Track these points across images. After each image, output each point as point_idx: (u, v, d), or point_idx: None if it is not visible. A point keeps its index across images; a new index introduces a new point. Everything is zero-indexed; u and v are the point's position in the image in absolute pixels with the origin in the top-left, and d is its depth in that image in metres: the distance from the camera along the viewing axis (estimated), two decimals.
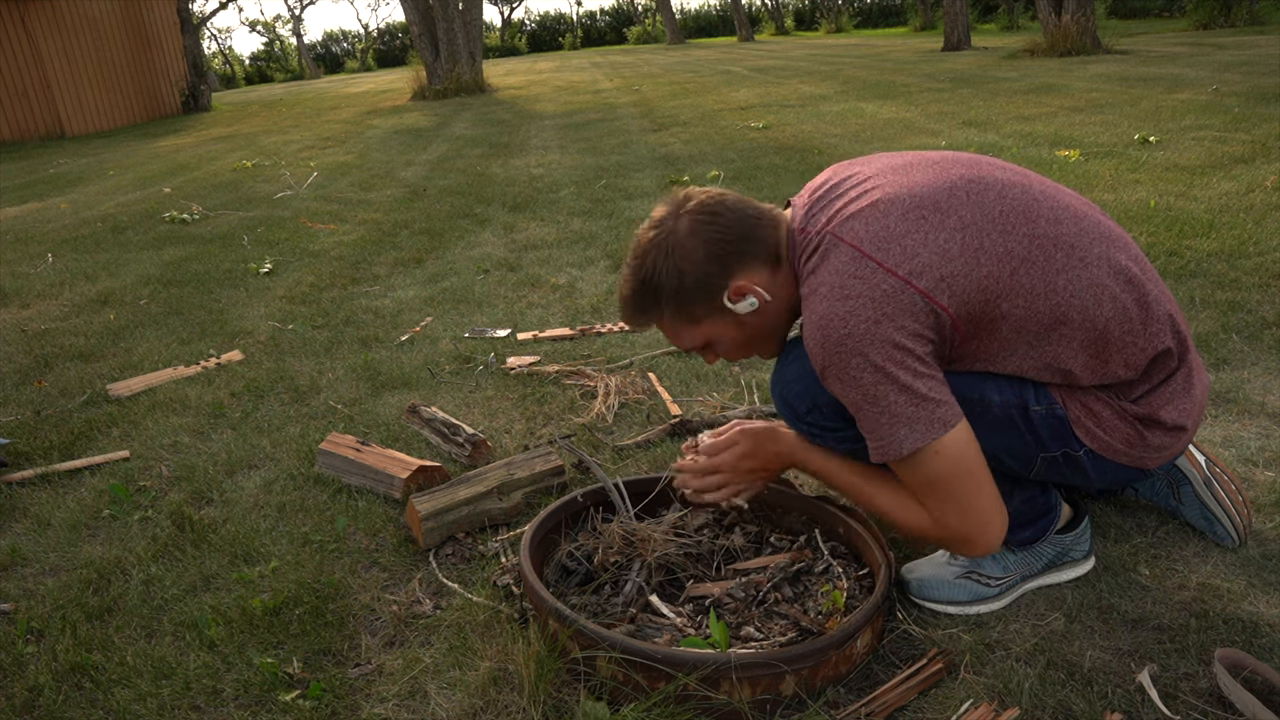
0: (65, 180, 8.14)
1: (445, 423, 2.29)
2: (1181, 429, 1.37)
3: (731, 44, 25.58)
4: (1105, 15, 21.28)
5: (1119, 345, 1.31)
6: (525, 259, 4.12)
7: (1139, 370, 1.34)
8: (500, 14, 44.90)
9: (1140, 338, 1.32)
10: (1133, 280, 1.32)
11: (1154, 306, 1.33)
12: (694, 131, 7.78)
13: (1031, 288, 1.27)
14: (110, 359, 3.19)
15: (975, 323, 1.28)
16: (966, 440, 1.28)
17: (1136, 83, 8.47)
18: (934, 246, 1.26)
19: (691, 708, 1.32)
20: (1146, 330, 1.32)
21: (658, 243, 1.39)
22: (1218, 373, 2.39)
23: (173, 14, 17.04)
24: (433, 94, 13.49)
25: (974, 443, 1.29)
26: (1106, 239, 1.34)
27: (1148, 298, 1.32)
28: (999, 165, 1.41)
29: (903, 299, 1.24)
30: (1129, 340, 1.31)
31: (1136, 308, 1.31)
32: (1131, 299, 1.31)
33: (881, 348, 1.23)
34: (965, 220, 1.29)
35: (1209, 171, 4.60)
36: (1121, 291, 1.30)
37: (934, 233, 1.27)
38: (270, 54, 43.61)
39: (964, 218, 1.29)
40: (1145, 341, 1.32)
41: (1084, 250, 1.30)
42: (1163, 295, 1.36)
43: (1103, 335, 1.30)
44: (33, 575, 1.89)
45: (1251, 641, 1.42)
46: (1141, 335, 1.32)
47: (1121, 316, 1.30)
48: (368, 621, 1.66)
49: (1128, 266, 1.33)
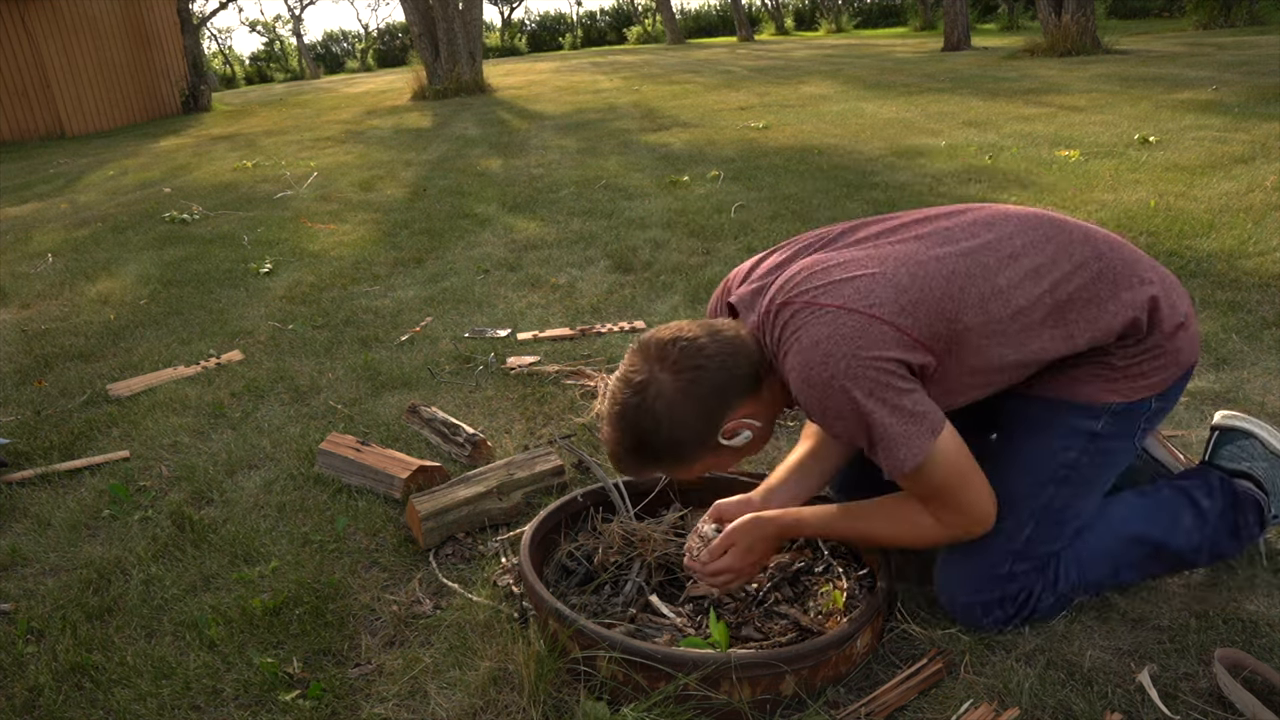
0: (65, 180, 8.14)
1: (445, 423, 2.29)
2: (1183, 325, 1.42)
3: (731, 44, 25.57)
4: (1105, 15, 21.27)
5: (1079, 309, 1.37)
6: (525, 259, 4.12)
7: (1113, 334, 1.39)
8: (500, 14, 44.91)
9: (1102, 301, 1.37)
10: (1071, 254, 1.38)
11: (1112, 273, 1.38)
12: (694, 132, 7.78)
13: (980, 294, 1.33)
14: (110, 359, 3.19)
15: (944, 340, 1.33)
16: (956, 443, 1.33)
17: (1136, 83, 8.47)
18: (884, 282, 1.31)
19: (691, 708, 1.32)
20: (1112, 294, 1.37)
21: (646, 409, 1.33)
22: (1218, 373, 2.40)
23: (173, 14, 17.02)
24: (433, 94, 13.48)
25: (961, 443, 1.34)
26: (1044, 228, 1.41)
27: (1104, 264, 1.38)
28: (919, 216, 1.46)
29: (870, 331, 1.28)
30: (1089, 303, 1.37)
31: (1087, 275, 1.37)
32: (1085, 271, 1.37)
33: (862, 381, 1.27)
34: (905, 255, 1.35)
35: (1209, 171, 4.60)
36: (1066, 263, 1.37)
37: (881, 273, 1.33)
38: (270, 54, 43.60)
39: (903, 255, 1.35)
40: (1109, 305, 1.37)
41: (1017, 244, 1.37)
42: (1126, 267, 1.40)
43: (1061, 306, 1.36)
44: (33, 575, 1.89)
45: (1251, 641, 1.42)
46: (1106, 298, 1.37)
47: (1074, 282, 1.37)
48: (368, 621, 1.66)
49: (1066, 244, 1.39)
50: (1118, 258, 1.40)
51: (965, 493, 1.35)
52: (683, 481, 1.61)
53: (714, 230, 4.30)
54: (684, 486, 1.86)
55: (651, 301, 3.37)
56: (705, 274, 3.61)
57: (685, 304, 3.29)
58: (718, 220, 4.49)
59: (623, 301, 3.40)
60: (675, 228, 4.44)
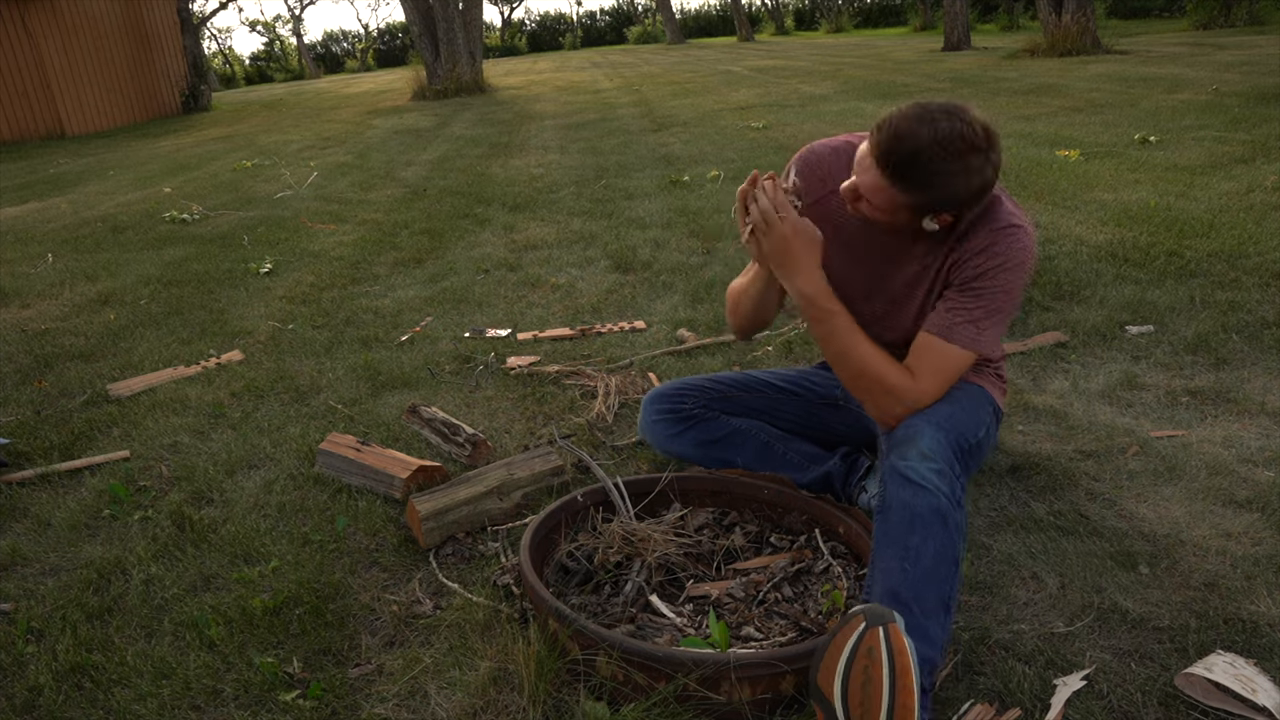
0: (65, 180, 8.14)
1: (445, 423, 2.29)
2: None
3: (731, 44, 25.57)
4: (1105, 15, 21.27)
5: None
6: (525, 259, 4.12)
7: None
8: (500, 14, 44.89)
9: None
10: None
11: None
12: (694, 131, 7.78)
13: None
14: (110, 359, 3.19)
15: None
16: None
17: (1136, 83, 8.48)
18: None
19: (691, 708, 1.32)
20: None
21: (961, 135, 1.42)
22: (1218, 373, 2.40)
23: (173, 14, 17.02)
24: (433, 94, 13.48)
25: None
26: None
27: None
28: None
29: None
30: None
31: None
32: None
33: (1023, 283, 1.57)
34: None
35: (1209, 171, 4.60)
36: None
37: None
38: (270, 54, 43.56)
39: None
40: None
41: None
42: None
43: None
44: (33, 575, 1.89)
45: (1251, 641, 1.43)
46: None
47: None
48: (368, 621, 1.66)
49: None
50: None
51: (949, 381, 1.58)
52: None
53: (714, 230, 4.30)
54: (684, 490, 1.86)
55: (651, 301, 3.37)
56: (705, 274, 3.61)
57: (685, 304, 3.29)
58: (718, 220, 4.49)
59: (623, 301, 3.40)
60: (675, 228, 4.44)
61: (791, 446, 1.92)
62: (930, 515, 1.37)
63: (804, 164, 1.72)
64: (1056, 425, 2.20)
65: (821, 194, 1.70)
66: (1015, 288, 1.56)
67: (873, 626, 1.19)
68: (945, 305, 1.58)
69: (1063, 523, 1.79)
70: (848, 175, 1.61)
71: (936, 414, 1.54)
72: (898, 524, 1.38)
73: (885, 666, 1.17)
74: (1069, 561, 1.67)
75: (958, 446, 1.50)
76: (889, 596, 1.33)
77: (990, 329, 1.56)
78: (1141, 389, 2.35)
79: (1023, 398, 2.35)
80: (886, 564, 1.37)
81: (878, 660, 1.17)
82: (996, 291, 1.55)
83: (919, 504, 1.38)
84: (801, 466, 1.89)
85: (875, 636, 1.18)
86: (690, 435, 1.95)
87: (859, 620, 1.20)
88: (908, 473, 1.42)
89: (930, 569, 1.34)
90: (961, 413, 1.59)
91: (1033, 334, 2.74)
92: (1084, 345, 2.64)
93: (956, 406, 1.59)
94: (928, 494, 1.39)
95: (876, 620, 1.19)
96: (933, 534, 1.36)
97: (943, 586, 1.35)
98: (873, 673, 1.17)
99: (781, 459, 1.90)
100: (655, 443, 2.01)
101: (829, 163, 1.70)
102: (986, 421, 1.69)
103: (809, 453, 1.91)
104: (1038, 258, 1.65)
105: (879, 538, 1.41)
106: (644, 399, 2.04)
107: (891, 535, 1.39)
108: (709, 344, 2.88)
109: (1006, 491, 1.92)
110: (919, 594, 1.33)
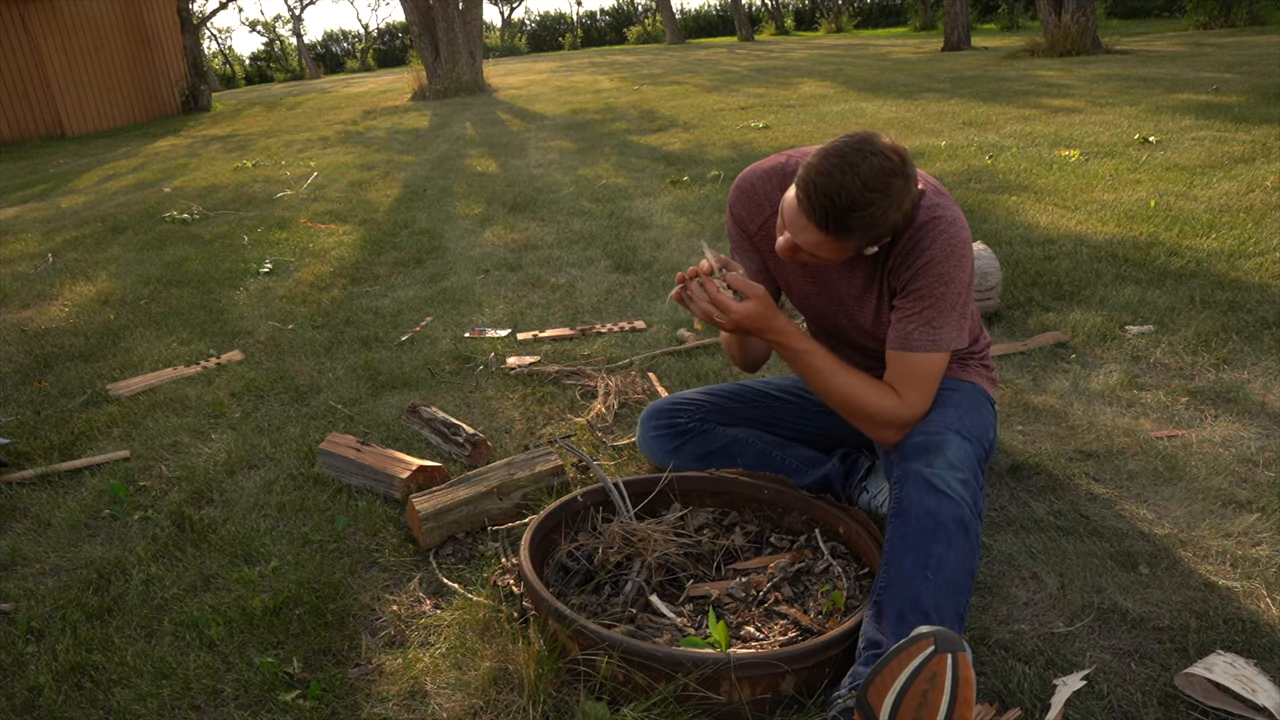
0: (65, 180, 8.14)
1: (445, 423, 2.29)
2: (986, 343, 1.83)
3: (732, 44, 25.56)
4: (1105, 15, 21.27)
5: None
6: (525, 259, 4.12)
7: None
8: (500, 14, 44.89)
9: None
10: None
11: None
12: (694, 131, 7.78)
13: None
14: (110, 359, 3.19)
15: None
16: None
17: (1136, 83, 8.47)
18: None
19: (691, 708, 1.32)
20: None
21: (895, 174, 1.44)
22: (1218, 373, 2.40)
23: (173, 14, 17.01)
24: (433, 94, 13.48)
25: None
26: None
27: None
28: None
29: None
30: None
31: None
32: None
33: (969, 272, 1.58)
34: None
35: (1209, 171, 4.60)
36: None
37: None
38: (270, 54, 43.53)
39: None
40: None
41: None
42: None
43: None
44: (33, 575, 1.89)
45: (1251, 641, 1.43)
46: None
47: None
48: (368, 621, 1.66)
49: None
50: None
51: (933, 387, 1.59)
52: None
53: (714, 230, 4.30)
54: (685, 490, 1.86)
55: (651, 301, 3.37)
56: None
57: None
58: (718, 220, 4.49)
59: (623, 301, 3.40)
60: (675, 228, 4.44)
61: (789, 452, 1.92)
62: (954, 525, 1.38)
63: (740, 193, 1.78)
64: (1056, 425, 2.20)
65: (763, 219, 1.76)
66: (954, 275, 1.55)
67: (941, 652, 1.16)
68: (896, 315, 1.61)
69: (1063, 523, 1.79)
70: (782, 195, 1.65)
71: (959, 422, 1.55)
72: (919, 530, 1.38)
73: (946, 694, 1.14)
74: (1069, 561, 1.67)
75: (981, 456, 1.53)
76: (912, 604, 1.33)
77: (946, 324, 1.57)
78: (1142, 389, 2.35)
79: (1023, 398, 2.35)
80: (905, 569, 1.37)
81: (939, 686, 1.14)
82: (936, 285, 1.55)
83: (944, 513, 1.39)
84: (800, 471, 1.89)
85: (942, 663, 1.15)
86: (688, 449, 1.96)
87: (928, 642, 1.17)
88: (934, 480, 1.42)
89: (951, 579, 1.35)
90: (974, 418, 1.62)
91: (1033, 334, 2.74)
92: (1084, 345, 2.64)
93: (964, 412, 1.61)
94: (953, 503, 1.40)
95: (946, 646, 1.16)
96: (955, 544, 1.37)
97: (959, 599, 1.36)
98: (931, 698, 1.14)
99: (780, 465, 1.90)
100: (654, 458, 2.02)
101: (763, 188, 1.75)
102: (991, 422, 1.71)
103: (807, 457, 1.91)
104: (971, 230, 1.63)
105: (894, 541, 1.41)
106: (641, 416, 2.05)
107: (910, 541, 1.38)
108: (709, 344, 2.88)
109: (1006, 491, 1.92)
110: (939, 603, 1.33)
